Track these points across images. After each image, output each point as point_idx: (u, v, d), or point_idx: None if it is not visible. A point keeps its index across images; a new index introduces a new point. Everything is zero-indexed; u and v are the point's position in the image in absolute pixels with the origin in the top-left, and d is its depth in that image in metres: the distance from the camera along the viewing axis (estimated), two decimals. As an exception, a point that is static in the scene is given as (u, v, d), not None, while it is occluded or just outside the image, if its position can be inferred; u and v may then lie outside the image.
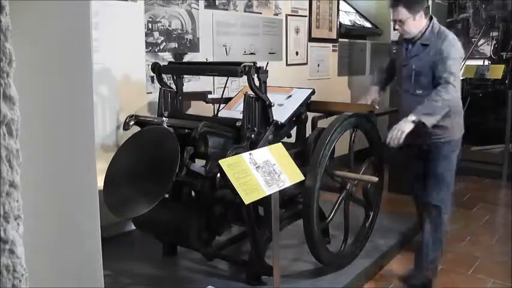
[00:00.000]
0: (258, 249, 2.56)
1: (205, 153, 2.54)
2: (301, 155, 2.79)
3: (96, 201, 1.31)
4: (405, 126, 2.56)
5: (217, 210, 2.57)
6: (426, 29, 2.68)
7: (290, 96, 3.00)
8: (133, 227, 3.54)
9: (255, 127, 2.58)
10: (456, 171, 2.81)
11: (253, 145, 2.52)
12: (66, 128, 1.21)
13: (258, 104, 2.59)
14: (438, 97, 2.55)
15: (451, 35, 2.64)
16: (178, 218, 2.55)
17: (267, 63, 2.74)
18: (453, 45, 2.61)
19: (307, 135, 3.03)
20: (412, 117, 2.56)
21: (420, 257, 2.81)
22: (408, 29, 2.68)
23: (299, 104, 2.88)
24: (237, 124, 2.53)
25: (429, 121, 2.56)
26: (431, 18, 2.72)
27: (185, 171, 2.46)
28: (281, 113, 2.78)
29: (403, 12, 2.63)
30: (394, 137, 2.57)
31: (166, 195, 2.50)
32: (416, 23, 2.66)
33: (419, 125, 2.56)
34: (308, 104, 3.01)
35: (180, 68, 3.15)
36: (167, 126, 2.42)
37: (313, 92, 2.97)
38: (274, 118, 2.68)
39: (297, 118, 2.89)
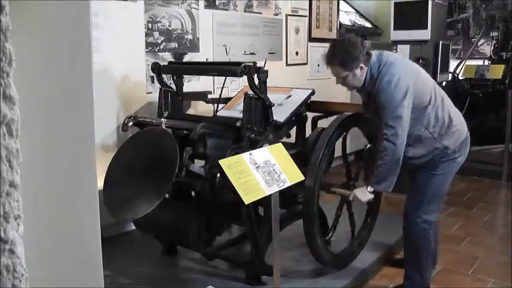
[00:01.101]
0: (258, 249, 2.56)
1: (205, 154, 2.54)
2: (301, 154, 2.79)
3: (96, 201, 1.31)
4: (364, 196, 2.58)
5: (217, 211, 2.57)
6: (366, 77, 2.50)
7: (290, 96, 3.00)
8: (133, 227, 3.54)
9: (255, 127, 2.58)
10: (456, 172, 2.75)
11: (254, 145, 2.52)
12: (66, 128, 1.21)
13: (258, 104, 2.59)
14: (381, 161, 2.45)
15: (387, 75, 2.41)
16: (178, 218, 2.56)
17: (266, 60, 2.74)
18: (387, 89, 2.40)
19: (307, 135, 3.03)
20: (370, 189, 2.55)
21: (405, 270, 2.76)
22: (351, 84, 2.55)
23: (298, 104, 2.88)
24: (236, 124, 2.53)
25: (387, 186, 2.50)
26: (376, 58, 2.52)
27: (185, 172, 2.46)
28: (280, 113, 2.78)
29: (340, 71, 2.49)
30: (356, 201, 2.65)
31: (167, 196, 2.51)
32: (356, 77, 2.48)
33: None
34: (308, 104, 3.01)
35: (181, 68, 3.15)
36: (166, 127, 2.41)
37: (312, 93, 2.97)
38: (274, 118, 2.68)
39: (297, 118, 2.89)
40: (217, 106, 3.10)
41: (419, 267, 2.70)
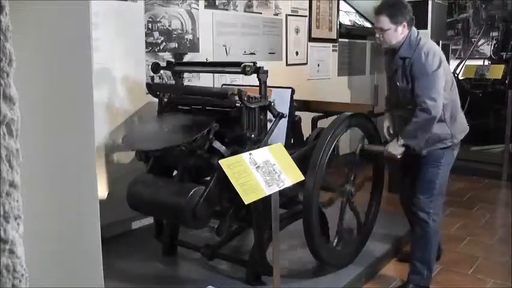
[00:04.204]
0: (261, 249, 2.57)
1: (232, 135, 2.57)
2: (300, 155, 2.78)
3: (96, 201, 1.31)
4: (396, 150, 2.66)
5: (226, 193, 2.48)
6: (404, 41, 2.62)
7: (274, 99, 2.98)
8: (133, 227, 3.54)
9: (256, 129, 2.57)
10: (456, 171, 2.79)
11: (255, 145, 2.51)
12: (66, 128, 1.21)
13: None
14: (418, 119, 2.53)
15: (425, 48, 2.56)
16: (174, 194, 2.49)
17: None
18: (426, 59, 2.52)
19: (307, 135, 3.03)
20: (401, 141, 2.63)
21: (413, 264, 2.80)
22: (388, 39, 2.63)
23: (288, 106, 2.86)
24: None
25: (416, 144, 2.59)
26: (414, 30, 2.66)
27: (207, 147, 2.46)
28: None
29: (385, 22, 2.60)
30: (390, 158, 2.73)
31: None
32: (397, 34, 2.60)
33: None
34: (307, 104, 3.01)
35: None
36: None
37: (293, 91, 2.92)
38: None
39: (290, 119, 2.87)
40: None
41: (428, 260, 2.76)
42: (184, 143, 2.48)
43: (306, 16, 5.14)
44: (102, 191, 3.23)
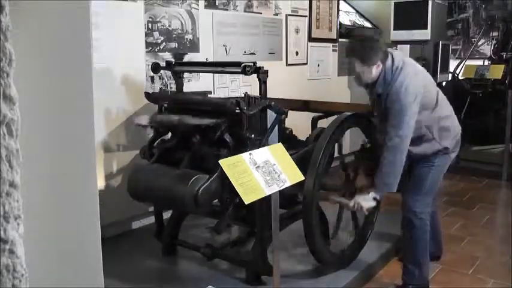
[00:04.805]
0: (263, 248, 2.57)
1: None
2: (299, 156, 2.78)
3: (96, 201, 1.31)
4: (367, 203, 2.65)
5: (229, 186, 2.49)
6: (379, 77, 2.57)
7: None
8: (133, 227, 3.55)
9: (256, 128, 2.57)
10: (456, 171, 2.80)
11: (255, 146, 2.51)
12: (66, 128, 1.21)
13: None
14: (385, 161, 2.53)
15: (400, 82, 2.48)
16: (174, 181, 2.49)
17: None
18: (399, 93, 2.48)
19: (306, 135, 3.03)
20: (372, 195, 2.63)
21: (404, 265, 2.80)
22: (365, 78, 2.62)
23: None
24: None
25: (391, 187, 2.58)
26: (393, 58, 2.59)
27: (217, 137, 2.50)
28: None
29: (357, 65, 2.59)
30: (356, 209, 2.70)
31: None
32: (370, 74, 2.56)
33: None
34: (307, 104, 3.01)
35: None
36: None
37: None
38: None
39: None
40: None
41: (418, 260, 2.74)
42: (203, 125, 2.48)
43: (306, 16, 5.14)
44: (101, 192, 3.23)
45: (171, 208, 2.90)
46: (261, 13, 4.51)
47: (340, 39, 5.71)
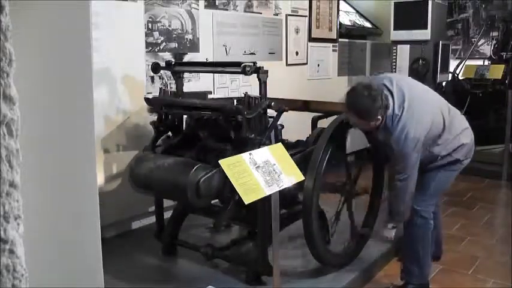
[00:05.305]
0: (263, 248, 2.58)
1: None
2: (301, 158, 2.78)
3: (96, 201, 1.31)
4: (389, 233, 2.75)
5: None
6: (380, 126, 2.50)
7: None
8: (133, 227, 3.55)
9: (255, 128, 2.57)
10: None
11: (254, 145, 2.52)
12: (66, 128, 1.21)
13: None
14: (395, 198, 2.59)
15: (399, 127, 2.43)
16: (176, 172, 2.49)
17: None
18: (399, 140, 2.44)
19: (306, 135, 3.03)
20: (390, 225, 2.73)
21: (404, 263, 2.81)
22: (365, 130, 2.66)
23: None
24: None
25: (404, 217, 2.65)
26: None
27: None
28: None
29: (355, 120, 2.53)
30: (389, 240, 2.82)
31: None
32: (371, 126, 2.51)
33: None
34: (307, 104, 3.01)
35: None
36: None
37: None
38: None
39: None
40: None
41: (418, 260, 2.74)
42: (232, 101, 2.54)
43: (306, 16, 5.14)
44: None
45: (172, 198, 2.87)
46: (261, 13, 4.51)
47: (340, 39, 5.72)
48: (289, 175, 2.13)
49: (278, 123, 2.69)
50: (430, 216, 2.73)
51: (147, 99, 2.92)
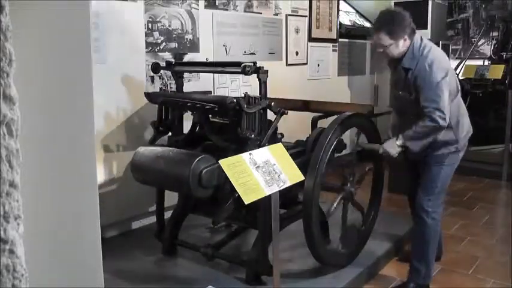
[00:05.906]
0: (264, 248, 2.58)
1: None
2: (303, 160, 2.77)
3: (96, 201, 1.31)
4: (392, 149, 2.68)
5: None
6: (406, 52, 2.58)
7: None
8: (133, 227, 3.55)
9: (256, 129, 2.56)
10: (456, 171, 2.80)
11: (253, 145, 2.52)
12: (66, 128, 1.21)
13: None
14: (425, 126, 2.53)
15: (429, 58, 2.50)
16: (179, 163, 2.48)
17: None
18: (430, 70, 2.48)
19: (306, 135, 3.03)
20: (399, 142, 2.65)
21: (412, 263, 2.81)
22: (390, 53, 2.61)
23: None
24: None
25: (414, 147, 2.61)
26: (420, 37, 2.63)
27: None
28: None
29: (385, 39, 2.56)
30: (384, 156, 2.76)
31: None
32: (398, 48, 2.57)
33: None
34: (307, 104, 3.01)
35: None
36: None
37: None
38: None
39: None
40: None
41: (426, 259, 2.76)
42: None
43: (306, 16, 5.14)
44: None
45: (174, 188, 2.84)
46: (261, 13, 4.51)
47: (340, 39, 5.72)
48: (289, 175, 2.13)
49: (278, 132, 2.70)
50: (440, 217, 2.76)
51: (147, 94, 2.93)
